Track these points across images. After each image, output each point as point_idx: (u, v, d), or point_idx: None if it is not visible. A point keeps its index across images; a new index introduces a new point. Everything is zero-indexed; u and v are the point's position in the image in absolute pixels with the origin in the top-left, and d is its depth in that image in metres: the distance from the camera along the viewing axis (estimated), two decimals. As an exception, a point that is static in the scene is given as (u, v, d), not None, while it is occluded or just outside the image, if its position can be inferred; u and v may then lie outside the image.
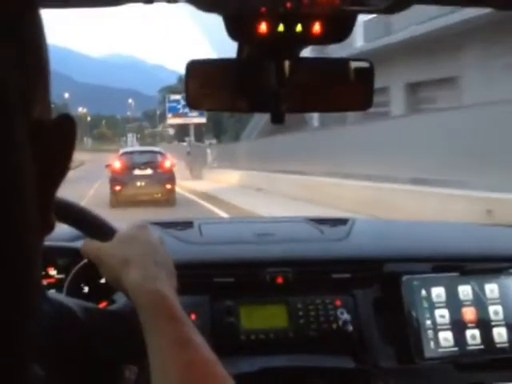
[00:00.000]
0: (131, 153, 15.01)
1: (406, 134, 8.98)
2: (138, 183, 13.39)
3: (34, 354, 0.34)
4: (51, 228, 0.35)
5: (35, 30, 0.34)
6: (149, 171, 13.75)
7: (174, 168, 14.37)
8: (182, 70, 0.95)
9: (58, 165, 0.35)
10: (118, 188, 13.18)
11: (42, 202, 0.33)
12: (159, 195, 13.48)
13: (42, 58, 0.34)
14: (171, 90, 41.05)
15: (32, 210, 0.32)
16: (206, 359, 0.63)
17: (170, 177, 13.66)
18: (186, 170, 21.77)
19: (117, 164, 13.84)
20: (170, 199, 13.41)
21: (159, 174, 13.69)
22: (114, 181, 13.31)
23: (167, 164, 14.16)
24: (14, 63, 0.31)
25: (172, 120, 31.42)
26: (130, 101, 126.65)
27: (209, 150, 24.29)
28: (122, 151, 15.41)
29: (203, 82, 0.93)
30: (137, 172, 13.67)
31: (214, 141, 34.18)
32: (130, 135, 55.14)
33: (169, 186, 13.52)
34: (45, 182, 0.34)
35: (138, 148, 20.84)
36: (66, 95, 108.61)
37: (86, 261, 1.12)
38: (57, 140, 0.34)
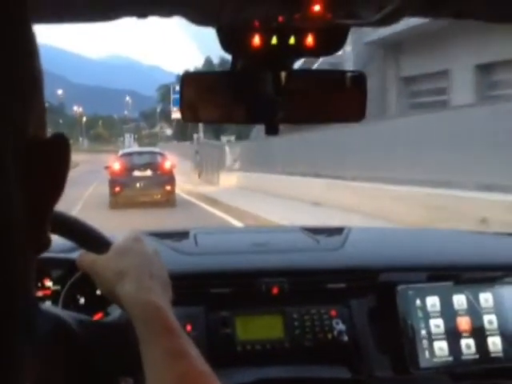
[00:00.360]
0: (130, 154, 15.02)
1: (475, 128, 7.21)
2: (138, 184, 13.39)
3: (29, 368, 0.35)
4: (46, 246, 0.36)
5: (28, 47, 0.34)
6: (148, 172, 13.75)
7: (175, 169, 14.33)
8: (179, 71, 0.95)
9: (53, 184, 0.35)
10: (117, 189, 13.18)
11: (36, 221, 0.34)
12: (159, 196, 13.48)
13: (34, 77, 0.34)
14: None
15: (22, 230, 0.32)
16: (200, 371, 0.64)
17: (169, 178, 13.66)
18: (193, 173, 20.17)
19: (116, 165, 13.84)
20: (169, 200, 13.41)
21: (159, 175, 13.69)
22: (113, 182, 13.30)
23: (167, 165, 14.16)
24: (6, 83, 0.31)
25: (177, 114, 29.99)
26: (127, 99, 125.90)
27: (228, 149, 19.99)
28: (121, 152, 15.43)
29: (198, 93, 0.94)
30: (136, 173, 13.67)
31: (232, 137, 30.03)
32: (127, 136, 54.67)
33: (168, 188, 13.52)
34: (39, 201, 0.34)
35: (137, 149, 20.71)
36: (60, 91, 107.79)
37: (81, 272, 1.12)
38: (50, 158, 0.34)
